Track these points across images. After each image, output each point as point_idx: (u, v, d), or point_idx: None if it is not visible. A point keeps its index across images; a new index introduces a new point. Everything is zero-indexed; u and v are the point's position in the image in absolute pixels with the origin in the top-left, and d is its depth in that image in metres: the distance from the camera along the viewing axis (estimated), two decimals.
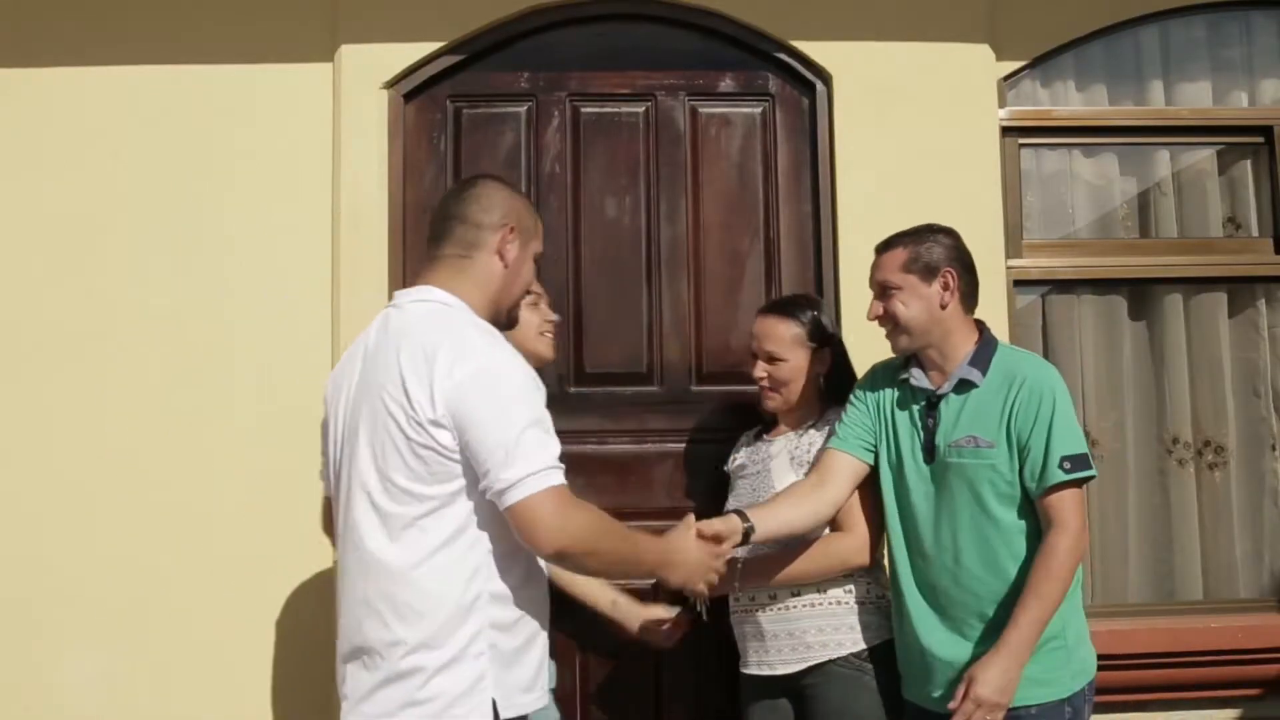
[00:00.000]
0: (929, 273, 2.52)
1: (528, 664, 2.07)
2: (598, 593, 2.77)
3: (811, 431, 2.75)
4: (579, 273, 3.28)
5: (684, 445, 3.25)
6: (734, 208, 3.33)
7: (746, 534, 2.48)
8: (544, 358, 2.70)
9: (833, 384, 2.77)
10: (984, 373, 2.50)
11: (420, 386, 1.98)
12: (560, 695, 3.14)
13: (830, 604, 2.64)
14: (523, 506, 1.94)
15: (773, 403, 2.78)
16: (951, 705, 2.33)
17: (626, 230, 3.31)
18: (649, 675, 3.17)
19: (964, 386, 2.50)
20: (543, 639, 2.14)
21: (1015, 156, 3.42)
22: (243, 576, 3.09)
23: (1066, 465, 2.37)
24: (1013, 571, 2.42)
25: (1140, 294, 3.53)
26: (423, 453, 1.98)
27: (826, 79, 3.32)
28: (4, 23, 3.23)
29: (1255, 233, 3.54)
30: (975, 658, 2.37)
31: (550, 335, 2.73)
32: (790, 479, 2.68)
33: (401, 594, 1.99)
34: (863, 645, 2.61)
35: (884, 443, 2.59)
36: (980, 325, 2.58)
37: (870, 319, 2.57)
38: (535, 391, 2.04)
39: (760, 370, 2.77)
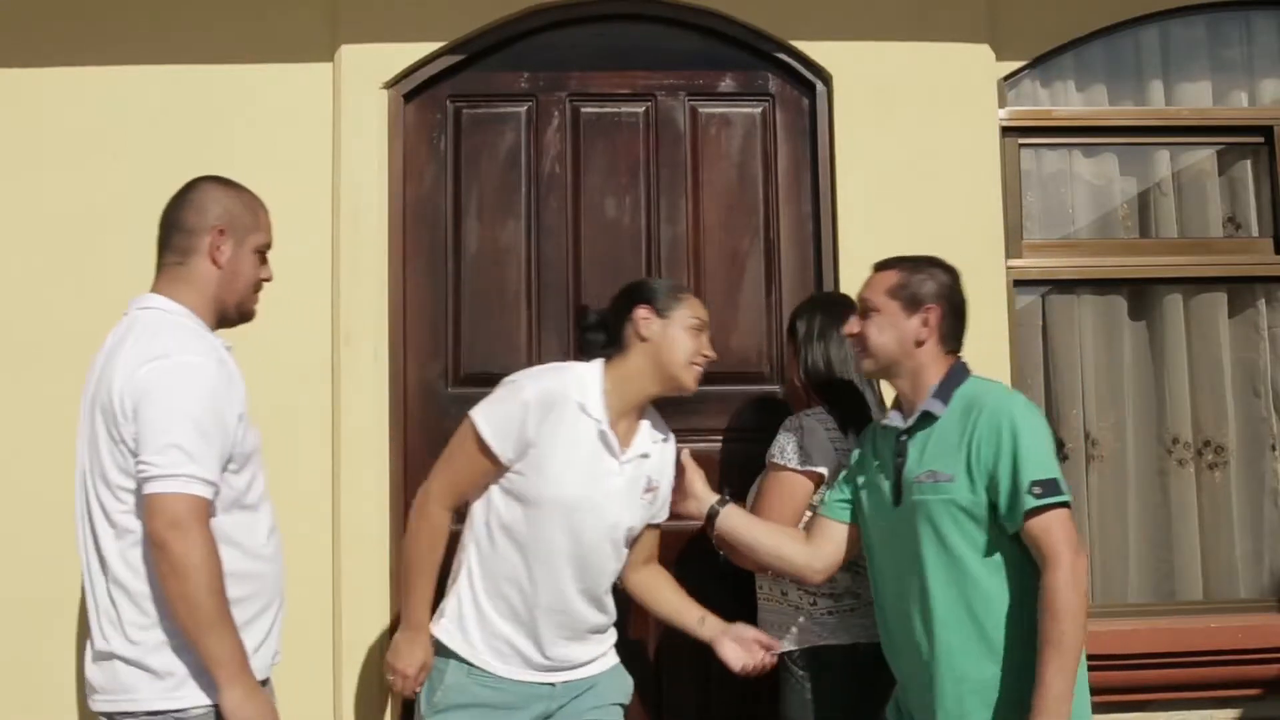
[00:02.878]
0: (913, 304, 2.45)
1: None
2: (683, 610, 2.71)
3: None
4: (579, 273, 3.29)
5: (684, 445, 3.23)
6: (734, 208, 3.33)
7: (711, 516, 2.62)
8: (685, 388, 2.63)
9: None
10: (945, 403, 2.40)
11: (118, 385, 2.14)
12: None
13: (771, 603, 2.73)
14: (157, 501, 2.08)
15: None
16: None
17: (626, 230, 3.31)
18: (650, 677, 3.17)
19: (927, 420, 2.41)
20: (260, 620, 2.25)
21: (1015, 156, 3.43)
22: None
23: (1037, 490, 2.23)
24: (987, 625, 2.29)
25: (1140, 294, 3.53)
26: (123, 448, 2.14)
27: (826, 79, 3.32)
28: (4, 23, 3.23)
29: (1255, 233, 3.54)
30: None
31: (699, 368, 2.64)
32: None
33: (129, 583, 2.15)
34: (793, 647, 2.66)
35: (862, 495, 2.52)
36: (955, 360, 2.47)
37: (845, 334, 2.56)
38: (219, 400, 2.16)
39: None
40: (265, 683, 2.27)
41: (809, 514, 2.66)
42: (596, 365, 2.61)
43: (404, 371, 3.23)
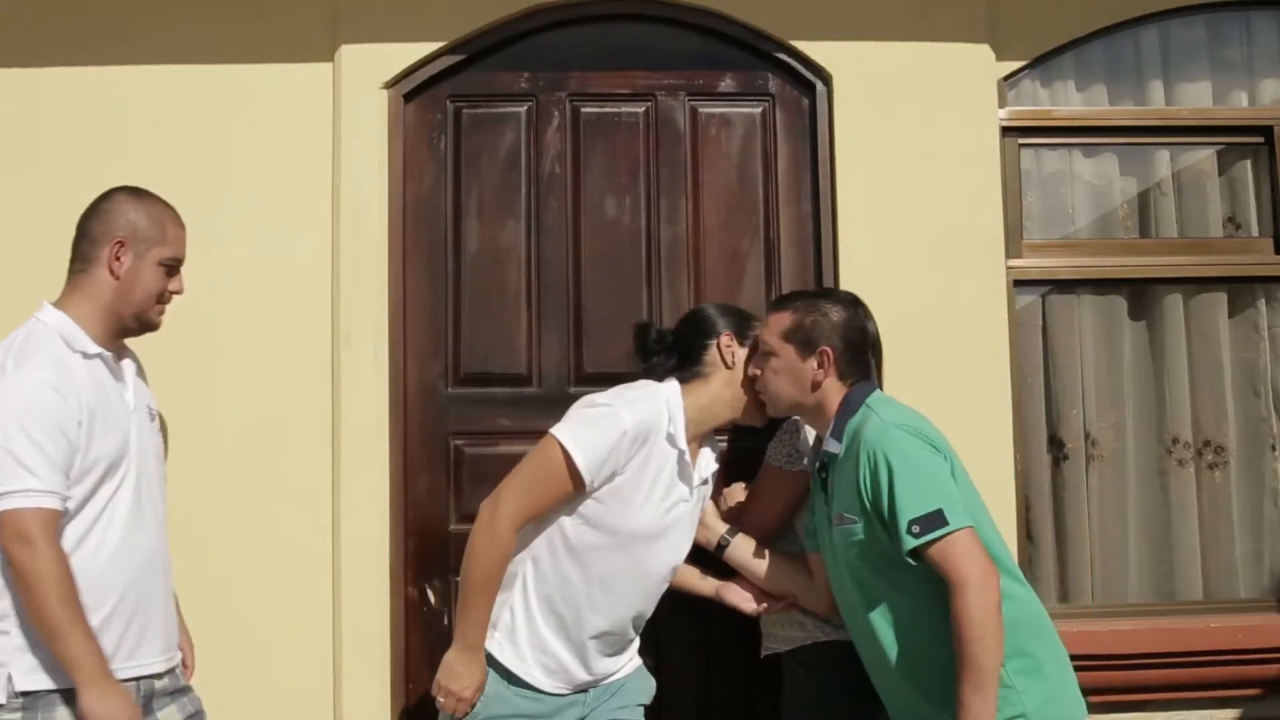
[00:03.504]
0: (807, 346, 2.47)
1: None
2: (698, 584, 2.77)
3: None
4: (579, 273, 3.29)
5: None
6: (734, 208, 3.33)
7: (721, 546, 2.69)
8: (761, 420, 2.65)
9: None
10: (839, 440, 2.43)
11: None
12: None
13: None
14: (3, 518, 2.19)
15: None
16: None
17: (626, 230, 3.31)
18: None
19: (832, 458, 2.45)
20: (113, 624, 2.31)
21: (1015, 156, 3.42)
22: (241, 572, 3.09)
23: (915, 529, 2.24)
24: (915, 653, 2.34)
25: (1140, 294, 3.53)
26: None
27: (826, 79, 3.32)
28: (4, 23, 3.23)
29: (1255, 233, 3.54)
30: None
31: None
32: None
33: None
34: (798, 644, 2.69)
35: (818, 518, 2.56)
36: (849, 389, 2.47)
37: (747, 377, 2.57)
38: (52, 411, 2.22)
39: None
40: (145, 679, 2.36)
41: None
42: (676, 389, 2.58)
43: (404, 371, 3.23)
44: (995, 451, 3.14)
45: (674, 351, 2.64)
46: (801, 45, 3.30)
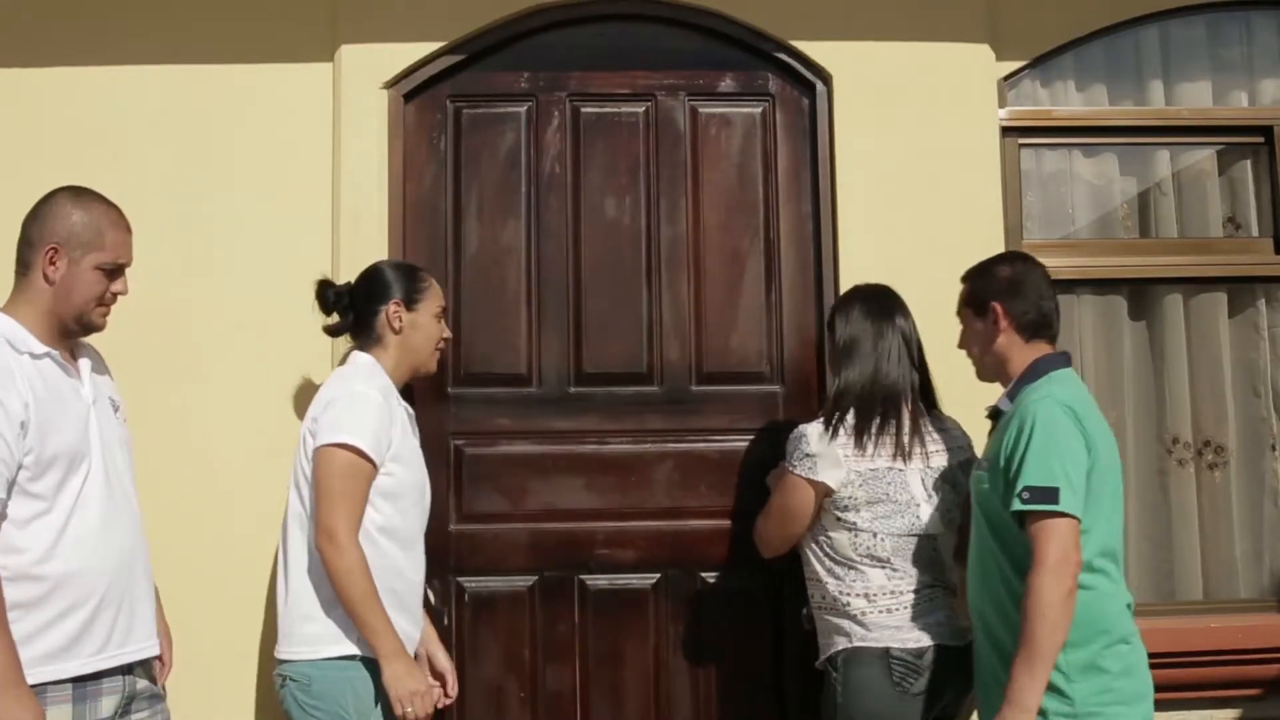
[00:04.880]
0: (979, 308, 2.62)
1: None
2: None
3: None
4: (579, 273, 3.28)
5: (684, 445, 3.25)
6: (734, 208, 3.33)
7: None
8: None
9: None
10: (1011, 401, 2.54)
11: None
12: (561, 694, 3.16)
13: (820, 610, 2.77)
14: None
15: None
16: None
17: (626, 230, 3.31)
18: (650, 676, 3.17)
19: (998, 414, 2.58)
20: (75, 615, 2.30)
21: (1015, 156, 3.43)
22: (241, 572, 3.09)
23: (1025, 495, 2.34)
24: (1004, 599, 2.44)
25: (1140, 294, 3.53)
26: None
27: (826, 79, 3.32)
28: (4, 23, 3.23)
29: (1255, 233, 3.54)
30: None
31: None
32: None
33: None
34: (829, 652, 2.72)
35: None
36: (1042, 353, 2.57)
37: (959, 348, 2.75)
38: None
39: None
40: (99, 675, 2.34)
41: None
42: (369, 359, 2.81)
43: None
44: None
45: (350, 311, 2.84)
46: (801, 45, 3.30)
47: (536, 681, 3.17)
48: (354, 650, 2.56)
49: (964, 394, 2.86)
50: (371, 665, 2.55)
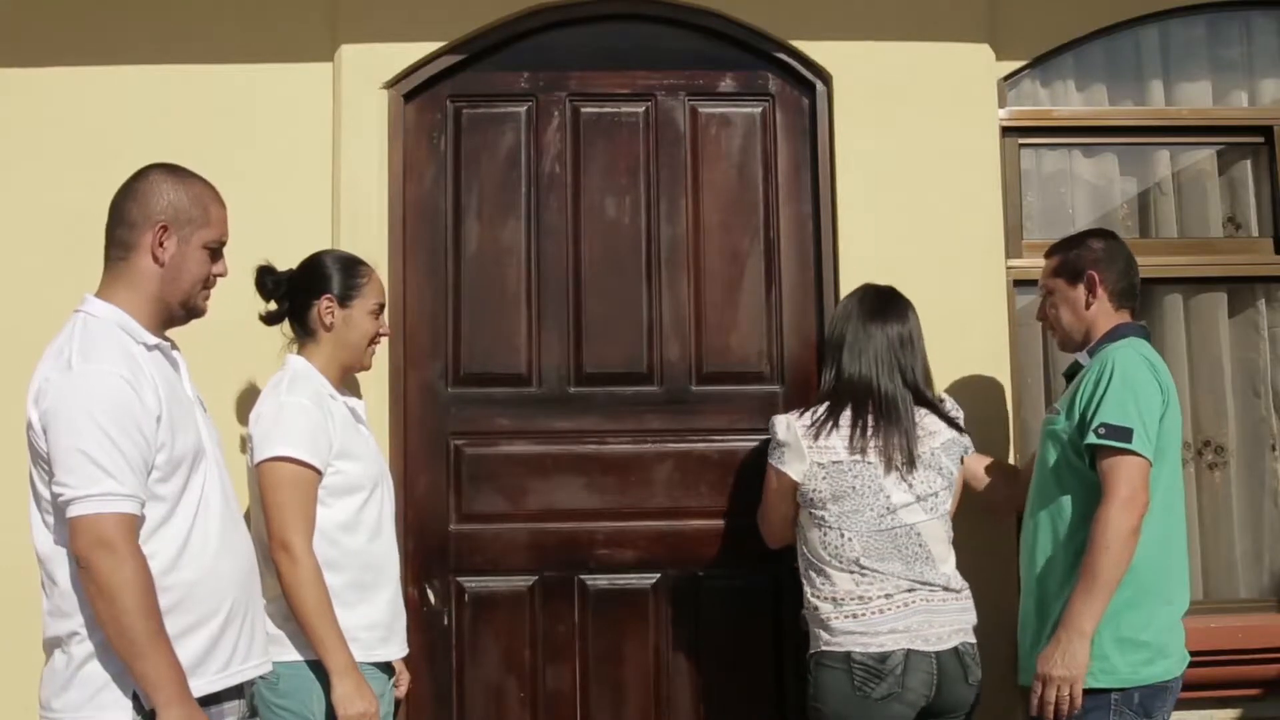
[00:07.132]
0: (1074, 276, 2.75)
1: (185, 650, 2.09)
2: None
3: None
4: (579, 273, 3.29)
5: (684, 445, 3.25)
6: (734, 208, 3.33)
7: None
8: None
9: None
10: (1090, 357, 2.70)
11: (30, 399, 2.11)
12: (561, 694, 3.16)
13: (805, 609, 2.79)
14: (80, 523, 2.01)
15: None
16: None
17: (626, 230, 3.31)
18: (650, 676, 3.17)
19: (1078, 368, 2.75)
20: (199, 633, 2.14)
21: (1015, 156, 3.43)
22: None
23: (1101, 430, 2.47)
24: (1064, 539, 2.58)
25: (1140, 294, 3.52)
26: (43, 464, 2.09)
27: (826, 79, 3.32)
28: (4, 23, 3.23)
29: (1255, 233, 3.54)
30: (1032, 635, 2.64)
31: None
32: None
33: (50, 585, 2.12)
34: (808, 653, 2.75)
35: None
36: (1125, 319, 2.74)
37: (1036, 319, 2.93)
38: (128, 407, 2.06)
39: None
40: (220, 696, 2.18)
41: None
42: (302, 361, 2.77)
43: (404, 371, 3.23)
44: (995, 451, 3.13)
45: (286, 300, 2.81)
46: (801, 45, 3.30)
47: (536, 681, 3.17)
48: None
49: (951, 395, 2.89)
50: None
